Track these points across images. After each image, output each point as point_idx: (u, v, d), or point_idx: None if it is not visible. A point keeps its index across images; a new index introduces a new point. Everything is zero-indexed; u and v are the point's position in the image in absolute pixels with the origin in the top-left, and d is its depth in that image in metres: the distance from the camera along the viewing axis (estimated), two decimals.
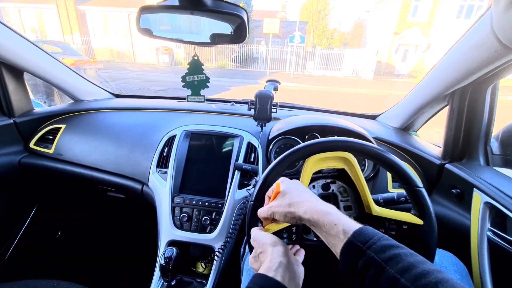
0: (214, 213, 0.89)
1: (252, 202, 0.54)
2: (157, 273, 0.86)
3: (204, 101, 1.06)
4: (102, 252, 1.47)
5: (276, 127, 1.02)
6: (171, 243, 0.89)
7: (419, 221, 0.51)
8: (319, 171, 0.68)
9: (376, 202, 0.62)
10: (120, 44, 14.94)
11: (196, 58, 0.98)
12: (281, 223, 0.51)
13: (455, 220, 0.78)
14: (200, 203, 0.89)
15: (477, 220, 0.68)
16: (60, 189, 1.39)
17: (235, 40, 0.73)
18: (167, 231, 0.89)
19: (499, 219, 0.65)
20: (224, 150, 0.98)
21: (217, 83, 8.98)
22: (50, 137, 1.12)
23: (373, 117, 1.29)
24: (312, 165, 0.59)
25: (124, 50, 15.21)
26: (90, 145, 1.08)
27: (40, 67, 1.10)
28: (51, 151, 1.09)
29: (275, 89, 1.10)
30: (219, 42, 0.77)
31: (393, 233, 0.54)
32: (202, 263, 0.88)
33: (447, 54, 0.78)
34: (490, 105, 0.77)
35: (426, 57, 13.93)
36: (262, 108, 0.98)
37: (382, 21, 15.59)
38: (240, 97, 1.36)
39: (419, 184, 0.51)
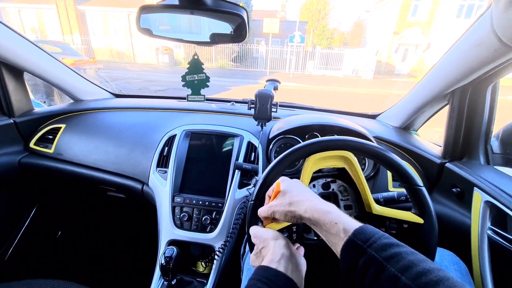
0: (214, 213, 0.89)
1: (253, 202, 0.54)
2: (158, 273, 0.86)
3: (204, 101, 1.06)
4: (102, 252, 1.47)
5: (276, 127, 1.02)
6: (172, 243, 0.89)
7: (420, 220, 0.51)
8: (319, 170, 0.67)
9: (377, 201, 0.62)
10: (120, 44, 14.92)
11: (196, 58, 0.98)
12: (282, 223, 0.51)
13: (456, 219, 0.78)
14: (201, 203, 0.89)
15: (478, 219, 0.68)
16: (60, 189, 1.39)
17: (235, 40, 0.73)
18: (168, 231, 0.89)
19: (500, 218, 0.66)
20: (224, 150, 0.98)
21: (217, 83, 8.98)
22: (50, 137, 1.12)
23: (373, 117, 1.29)
24: (312, 164, 0.59)
25: (124, 50, 15.19)
26: (90, 145, 1.08)
27: (40, 67, 1.10)
28: (51, 151, 1.09)
29: (275, 89, 1.10)
30: (219, 42, 0.77)
31: (394, 232, 0.54)
32: (203, 263, 0.88)
33: (447, 53, 0.78)
34: (491, 104, 0.77)
35: (426, 57, 13.93)
36: (262, 108, 0.98)
37: (382, 21, 15.59)
38: (240, 97, 1.36)
39: (420, 183, 0.51)
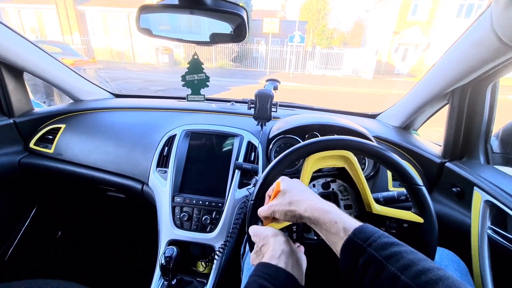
0: (214, 213, 0.89)
1: (252, 201, 0.54)
2: (158, 273, 0.86)
3: (204, 100, 1.06)
4: (102, 252, 1.47)
5: (276, 126, 1.02)
6: (172, 243, 0.89)
7: (420, 220, 0.51)
8: (319, 170, 0.67)
9: (377, 201, 0.62)
10: (120, 44, 14.91)
11: (196, 57, 0.98)
12: (282, 222, 0.51)
13: (456, 219, 0.78)
14: (201, 203, 0.89)
15: (478, 219, 0.68)
16: (60, 189, 1.39)
17: (235, 39, 0.73)
18: (167, 231, 0.89)
19: (500, 217, 0.66)
20: (224, 150, 0.98)
21: (217, 83, 8.98)
22: (50, 137, 1.12)
23: (373, 116, 1.29)
24: (312, 164, 0.59)
25: (124, 50, 15.19)
26: (90, 145, 1.08)
27: (40, 67, 1.10)
28: (51, 151, 1.09)
29: (275, 88, 1.10)
30: (219, 41, 0.77)
31: (394, 232, 0.54)
32: (203, 263, 0.88)
33: (447, 53, 0.78)
34: (490, 104, 0.77)
35: (426, 56, 13.93)
36: (262, 107, 0.98)
37: (382, 21, 15.58)
38: (240, 97, 1.36)
39: (419, 182, 0.51)
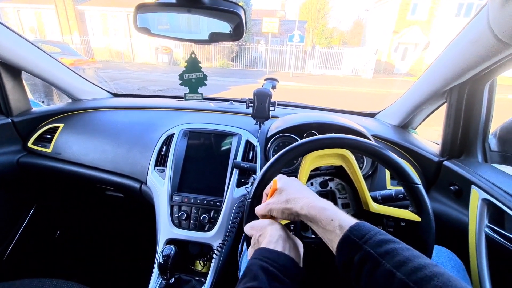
0: (213, 211, 0.89)
1: (250, 200, 0.54)
2: (156, 272, 0.86)
3: (202, 99, 1.06)
4: (101, 251, 1.47)
5: (275, 125, 1.02)
6: (170, 242, 0.89)
7: (417, 218, 0.51)
8: (317, 169, 0.67)
9: (374, 199, 0.62)
10: (119, 44, 14.88)
11: (194, 56, 0.98)
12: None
13: (453, 217, 0.78)
14: (199, 202, 0.89)
15: (475, 217, 0.69)
16: (59, 189, 1.39)
17: (233, 38, 0.73)
18: (166, 230, 0.89)
19: (497, 216, 0.66)
20: (223, 149, 0.98)
21: (216, 83, 8.97)
22: (48, 136, 1.11)
23: (372, 115, 1.29)
24: (310, 163, 0.59)
25: (123, 50, 15.16)
26: (89, 144, 1.08)
27: (39, 67, 1.10)
28: (49, 150, 1.09)
29: (273, 87, 1.10)
30: (218, 40, 0.77)
31: (391, 230, 0.54)
32: (201, 261, 0.88)
33: (445, 51, 0.78)
34: (488, 102, 0.77)
35: (426, 56, 13.94)
36: (261, 106, 0.98)
37: (382, 20, 15.59)
38: (240, 97, 1.36)
39: (417, 181, 0.51)
